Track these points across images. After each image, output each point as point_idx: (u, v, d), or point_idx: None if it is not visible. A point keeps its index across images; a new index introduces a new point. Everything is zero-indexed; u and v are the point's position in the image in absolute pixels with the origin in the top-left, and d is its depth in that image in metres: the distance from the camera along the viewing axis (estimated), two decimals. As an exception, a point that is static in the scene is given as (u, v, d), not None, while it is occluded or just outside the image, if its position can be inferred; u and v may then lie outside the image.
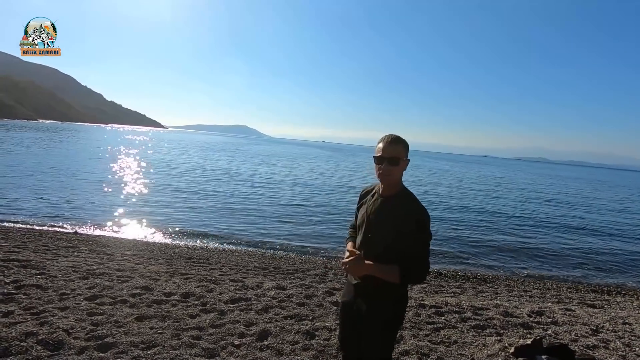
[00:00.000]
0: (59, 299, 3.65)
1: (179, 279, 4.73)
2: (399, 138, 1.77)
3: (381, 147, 1.75)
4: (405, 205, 1.76)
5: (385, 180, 1.78)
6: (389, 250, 1.73)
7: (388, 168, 1.73)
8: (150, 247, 7.38)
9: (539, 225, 13.94)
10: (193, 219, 10.57)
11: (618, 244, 11.80)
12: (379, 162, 1.75)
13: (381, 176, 1.77)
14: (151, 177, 18.79)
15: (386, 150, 1.74)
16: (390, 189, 1.81)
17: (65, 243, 6.80)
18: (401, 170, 1.77)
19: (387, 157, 1.73)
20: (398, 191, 1.81)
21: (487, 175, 48.04)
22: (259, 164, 33.61)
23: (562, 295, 6.28)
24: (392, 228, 1.72)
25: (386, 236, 1.74)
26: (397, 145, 1.74)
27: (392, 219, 1.74)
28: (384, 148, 1.74)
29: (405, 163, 1.79)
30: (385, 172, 1.74)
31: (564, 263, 9.04)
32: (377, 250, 1.76)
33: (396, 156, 1.73)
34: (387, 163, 1.73)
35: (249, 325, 3.43)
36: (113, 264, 5.38)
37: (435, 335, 3.55)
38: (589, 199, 27.57)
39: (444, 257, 8.67)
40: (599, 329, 4.02)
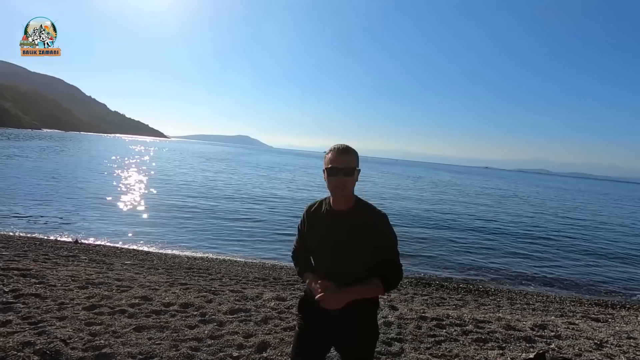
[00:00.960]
0: (57, 308, 3.63)
1: (178, 289, 4.70)
2: (349, 147, 1.68)
3: (333, 158, 1.64)
4: (367, 215, 1.68)
5: (341, 193, 1.66)
6: (364, 266, 1.66)
7: (343, 180, 1.62)
8: (150, 257, 7.35)
9: (541, 238, 13.84)
10: (194, 229, 10.55)
11: (622, 258, 11.69)
12: (333, 174, 1.63)
13: (336, 189, 1.65)
14: (153, 187, 18.84)
15: (339, 161, 1.63)
16: (345, 202, 1.70)
17: (66, 252, 6.79)
18: (355, 181, 1.68)
19: (341, 168, 1.62)
20: (354, 203, 1.71)
21: (490, 187, 47.95)
22: (260, 175, 33.69)
23: (565, 308, 6.20)
24: (363, 243, 1.64)
25: (359, 253, 1.65)
26: (350, 155, 1.65)
27: (360, 233, 1.65)
28: (336, 159, 1.63)
29: (358, 173, 1.70)
30: (341, 185, 1.63)
31: (567, 276, 8.94)
32: (351, 269, 1.66)
33: (350, 166, 1.63)
34: (342, 174, 1.62)
35: (248, 336, 3.40)
36: (112, 273, 5.36)
37: (437, 348, 3.50)
38: (594, 212, 27.42)
39: (445, 269, 8.60)
40: (603, 344, 3.96)
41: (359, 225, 1.65)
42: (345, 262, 1.67)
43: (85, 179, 19.16)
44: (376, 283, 1.64)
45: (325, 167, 1.67)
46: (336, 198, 1.70)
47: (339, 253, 1.67)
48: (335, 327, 1.72)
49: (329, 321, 1.71)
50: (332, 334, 1.75)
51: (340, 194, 1.67)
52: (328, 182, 1.67)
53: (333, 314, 1.64)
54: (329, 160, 1.66)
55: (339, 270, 1.68)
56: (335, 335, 1.74)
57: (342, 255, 1.67)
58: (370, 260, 1.66)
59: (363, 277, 1.65)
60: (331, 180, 1.65)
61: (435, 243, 11.08)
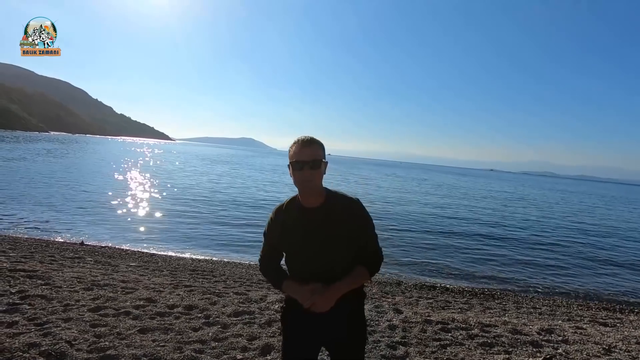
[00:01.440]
0: (63, 309, 3.64)
1: (182, 291, 4.71)
2: (314, 138, 1.59)
3: (297, 151, 1.55)
4: (340, 207, 1.61)
5: (308, 187, 1.56)
6: (346, 259, 1.63)
7: (310, 173, 1.54)
8: (155, 259, 7.38)
9: (548, 241, 13.70)
10: (198, 232, 10.58)
11: (632, 263, 11.53)
12: (299, 168, 1.54)
13: (304, 183, 1.56)
14: (157, 190, 18.95)
15: (304, 154, 1.54)
16: (315, 198, 1.61)
17: (72, 254, 6.83)
18: (322, 174, 1.60)
19: (307, 161, 1.53)
20: (325, 196, 1.63)
21: (497, 190, 47.65)
22: (263, 178, 33.76)
23: (572, 312, 6.12)
24: (342, 236, 1.59)
25: (340, 247, 1.60)
26: (315, 147, 1.57)
27: (337, 228, 1.59)
28: (301, 151, 1.54)
29: (325, 165, 1.62)
30: (308, 178, 1.54)
31: (574, 280, 8.84)
32: (334, 266, 1.61)
33: (317, 159, 1.55)
34: (307, 168, 1.53)
35: (252, 339, 3.39)
36: (118, 275, 5.38)
37: (442, 352, 3.47)
38: (602, 216, 27.13)
39: (451, 272, 8.54)
40: (612, 349, 3.90)
41: (335, 219, 1.59)
42: (326, 260, 1.60)
43: (90, 182, 19.32)
44: (361, 271, 1.64)
45: (290, 162, 1.58)
46: (305, 194, 1.60)
47: (319, 252, 1.60)
48: (324, 326, 1.65)
49: (317, 322, 1.64)
50: (321, 334, 1.68)
51: (308, 189, 1.58)
52: (294, 178, 1.57)
53: (321, 314, 1.58)
54: (293, 154, 1.56)
55: (321, 269, 1.61)
56: (325, 334, 1.67)
57: (323, 253, 1.60)
58: (351, 251, 1.64)
59: (346, 270, 1.62)
60: (297, 175, 1.55)
61: (444, 246, 11.01)
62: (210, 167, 40.76)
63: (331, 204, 1.62)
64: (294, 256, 1.68)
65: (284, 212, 1.68)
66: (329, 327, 1.65)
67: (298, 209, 1.64)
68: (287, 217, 1.66)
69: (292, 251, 1.68)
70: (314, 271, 1.62)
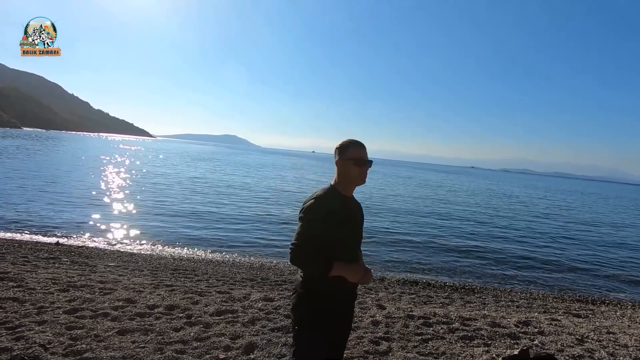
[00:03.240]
0: (36, 312, 3.51)
1: (163, 290, 4.62)
2: None
3: (362, 151, 1.89)
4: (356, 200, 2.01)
5: (364, 181, 1.90)
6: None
7: (367, 170, 1.90)
8: (135, 258, 7.20)
9: (526, 236, 14.14)
10: (180, 230, 10.39)
11: (601, 254, 12.04)
12: (363, 165, 1.87)
13: (362, 177, 1.89)
14: (137, 187, 18.49)
15: (366, 154, 1.89)
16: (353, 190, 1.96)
17: (46, 254, 6.59)
18: None
19: (369, 160, 1.90)
20: None
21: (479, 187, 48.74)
22: (247, 175, 33.45)
23: (548, 305, 6.34)
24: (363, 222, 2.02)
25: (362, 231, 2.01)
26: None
27: (361, 215, 2.01)
28: (363, 152, 1.89)
29: None
30: (366, 175, 1.90)
31: (550, 273, 9.16)
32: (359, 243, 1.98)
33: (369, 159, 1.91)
34: (368, 166, 1.89)
35: (235, 338, 3.36)
36: (95, 275, 5.23)
37: (424, 346, 3.53)
38: (578, 210, 28.18)
39: (433, 267, 8.69)
40: (584, 339, 4.07)
41: (360, 211, 1.99)
42: (358, 244, 1.96)
43: (66, 180, 18.66)
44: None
45: (353, 159, 1.85)
46: (353, 187, 1.92)
47: (359, 237, 1.96)
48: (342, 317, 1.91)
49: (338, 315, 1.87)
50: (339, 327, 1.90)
51: (362, 182, 1.90)
52: (352, 173, 1.86)
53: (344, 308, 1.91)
54: (359, 153, 1.86)
55: (355, 242, 1.92)
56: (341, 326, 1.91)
57: (358, 237, 1.95)
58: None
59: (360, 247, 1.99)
60: (357, 172, 1.86)
61: (422, 244, 11.20)
62: (192, 165, 40.06)
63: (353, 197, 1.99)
64: (344, 243, 1.85)
65: (326, 198, 1.83)
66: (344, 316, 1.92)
67: (339, 196, 1.87)
68: (332, 201, 1.83)
69: (336, 235, 1.81)
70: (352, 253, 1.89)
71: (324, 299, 1.80)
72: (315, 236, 1.77)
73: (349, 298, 1.93)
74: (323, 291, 1.80)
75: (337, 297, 1.83)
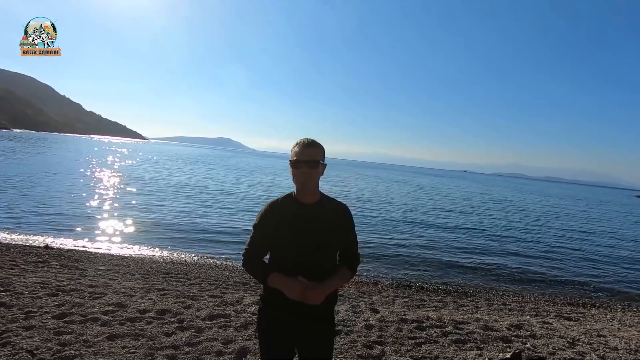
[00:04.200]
0: (24, 317, 3.45)
1: (155, 295, 4.57)
2: (315, 141, 1.71)
3: (298, 150, 1.67)
4: (333, 207, 1.78)
5: (306, 185, 1.68)
6: (334, 256, 1.79)
7: (308, 172, 1.65)
8: (126, 262, 7.11)
9: (520, 240, 14.26)
10: (172, 233, 10.29)
11: (593, 259, 12.18)
12: (298, 167, 1.66)
13: (302, 181, 1.67)
14: (129, 190, 18.30)
15: (305, 154, 1.66)
16: (312, 196, 1.72)
17: (35, 258, 6.48)
18: (320, 175, 1.71)
19: (306, 160, 1.65)
20: (320, 196, 1.76)
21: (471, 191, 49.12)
22: (240, 178, 33.33)
23: (539, 308, 6.39)
24: (333, 233, 1.72)
25: (330, 244, 1.72)
26: (315, 148, 1.68)
27: (330, 225, 1.71)
28: (302, 151, 1.66)
29: (323, 167, 1.72)
30: (306, 176, 1.66)
31: (543, 276, 9.23)
32: (329, 261, 1.75)
33: (316, 159, 1.66)
34: (307, 167, 1.65)
35: (227, 342, 3.32)
36: (85, 279, 5.15)
37: (417, 350, 3.53)
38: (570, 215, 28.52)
39: (426, 271, 8.72)
40: (575, 342, 4.10)
41: (327, 218, 1.72)
42: (314, 255, 1.68)
43: (56, 182, 18.41)
44: (345, 271, 1.79)
45: (291, 160, 1.68)
46: (302, 192, 1.71)
47: (310, 246, 1.67)
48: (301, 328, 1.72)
49: (293, 322, 1.71)
50: (297, 335, 1.73)
51: (305, 187, 1.68)
52: (293, 176, 1.68)
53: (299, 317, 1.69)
54: (294, 153, 1.68)
55: (309, 264, 1.67)
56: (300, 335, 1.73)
57: (312, 248, 1.67)
58: (336, 250, 1.79)
59: (330, 267, 1.75)
60: (296, 173, 1.67)
61: (416, 247, 11.23)
62: (186, 168, 39.80)
63: (325, 203, 1.76)
64: (284, 248, 1.70)
65: (280, 205, 1.73)
66: (305, 330, 1.72)
67: (294, 203, 1.72)
68: (283, 210, 1.71)
69: (283, 243, 1.69)
70: (302, 265, 1.67)
71: (277, 306, 1.71)
72: (261, 243, 1.74)
73: (309, 310, 1.66)
74: (274, 298, 1.69)
75: (287, 307, 1.66)
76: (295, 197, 1.73)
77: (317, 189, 1.73)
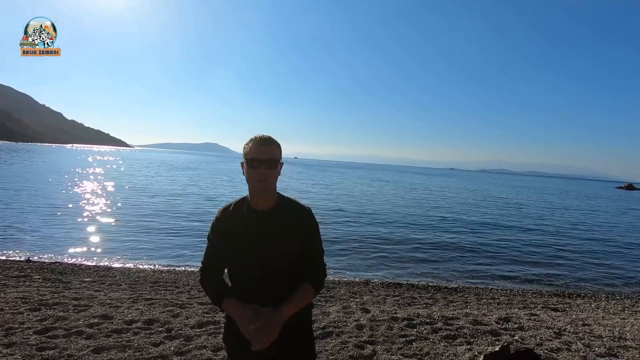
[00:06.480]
0: (4, 334, 3.34)
1: (142, 305, 4.48)
2: (272, 138, 1.52)
3: (254, 148, 1.48)
4: (292, 213, 1.55)
5: (262, 186, 1.48)
6: (290, 267, 1.54)
7: (266, 172, 1.46)
8: (112, 273, 6.96)
9: (508, 233, 14.51)
10: (159, 242, 10.12)
11: (578, 251, 12.49)
12: (254, 167, 1.46)
13: (257, 182, 1.47)
14: (113, 199, 17.93)
15: (261, 152, 1.46)
16: (267, 200, 1.52)
17: (16, 272, 6.28)
18: (277, 175, 1.53)
19: (263, 159, 1.46)
20: (277, 200, 1.55)
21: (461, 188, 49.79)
22: (226, 182, 33.07)
23: (527, 300, 6.51)
24: (290, 243, 1.51)
25: (286, 254, 1.52)
26: (272, 146, 1.50)
27: (286, 234, 1.50)
28: (258, 150, 1.47)
29: (281, 167, 1.55)
30: (263, 177, 1.46)
31: (530, 268, 9.41)
32: (277, 273, 1.51)
33: (273, 158, 1.48)
34: (264, 167, 1.46)
35: (217, 350, 3.28)
36: (69, 292, 5.02)
37: (408, 348, 3.55)
38: (556, 207, 29.16)
39: (416, 269, 8.79)
40: (562, 332, 4.19)
41: (285, 225, 1.51)
42: (270, 266, 1.50)
43: (36, 192, 17.90)
44: (308, 288, 1.54)
45: (245, 159, 1.49)
46: (256, 194, 1.51)
47: (265, 257, 1.49)
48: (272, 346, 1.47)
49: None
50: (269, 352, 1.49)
51: (261, 189, 1.49)
52: (248, 176, 1.49)
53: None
54: (249, 151, 1.48)
55: (265, 276, 1.50)
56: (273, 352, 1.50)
57: (269, 259, 1.50)
58: (296, 261, 1.54)
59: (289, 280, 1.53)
60: (253, 174, 1.47)
61: (405, 245, 11.31)
62: (172, 175, 39.24)
63: (282, 209, 1.55)
64: (237, 260, 1.54)
65: (231, 212, 1.57)
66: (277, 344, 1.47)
67: (247, 210, 1.54)
68: (234, 217, 1.55)
69: (236, 255, 1.53)
70: (257, 277, 1.51)
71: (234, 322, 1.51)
72: (214, 250, 1.57)
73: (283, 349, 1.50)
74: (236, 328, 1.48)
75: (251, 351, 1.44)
76: (248, 202, 1.55)
77: (273, 191, 1.54)
